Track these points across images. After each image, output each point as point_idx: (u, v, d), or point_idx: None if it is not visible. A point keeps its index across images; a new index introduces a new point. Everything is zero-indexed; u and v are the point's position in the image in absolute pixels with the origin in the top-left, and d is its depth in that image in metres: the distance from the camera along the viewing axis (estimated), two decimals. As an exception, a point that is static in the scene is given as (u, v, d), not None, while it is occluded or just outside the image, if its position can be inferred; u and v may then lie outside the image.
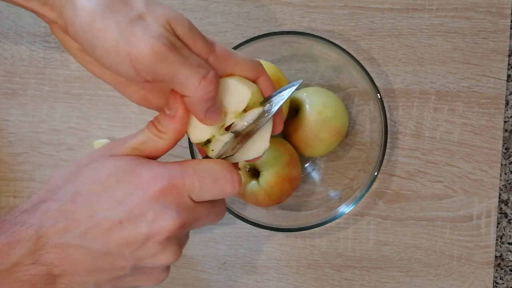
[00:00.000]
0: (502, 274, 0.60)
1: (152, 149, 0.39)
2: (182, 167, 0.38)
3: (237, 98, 0.39)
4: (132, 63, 0.35)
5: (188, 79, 0.36)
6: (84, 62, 0.41)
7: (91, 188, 0.37)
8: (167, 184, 0.37)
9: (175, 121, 0.39)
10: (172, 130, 0.39)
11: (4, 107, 0.61)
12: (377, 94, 0.55)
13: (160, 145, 0.39)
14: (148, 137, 0.39)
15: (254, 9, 0.61)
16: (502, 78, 0.60)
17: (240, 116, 0.40)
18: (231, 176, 0.38)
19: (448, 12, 0.60)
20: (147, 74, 0.36)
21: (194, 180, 0.37)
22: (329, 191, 0.60)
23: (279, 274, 0.61)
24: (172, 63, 0.35)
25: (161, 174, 0.37)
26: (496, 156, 0.60)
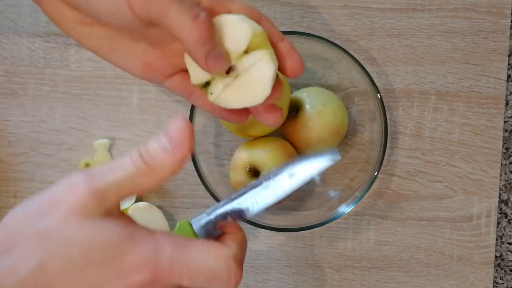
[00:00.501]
0: (502, 274, 0.60)
1: (132, 189, 0.32)
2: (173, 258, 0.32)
3: (236, 36, 0.36)
4: (127, 1, 0.35)
5: (181, 18, 0.35)
6: (79, 35, 0.40)
7: (59, 266, 0.30)
8: (150, 277, 0.31)
9: (174, 158, 0.32)
10: (166, 170, 0.32)
11: (4, 107, 0.61)
12: (377, 94, 0.55)
13: (145, 185, 0.32)
14: (132, 175, 0.32)
15: (254, 9, 0.61)
16: (502, 78, 0.60)
17: (241, 57, 0.37)
18: (228, 278, 0.33)
19: (448, 12, 0.60)
20: (142, 12, 0.35)
21: (184, 277, 0.32)
22: (329, 191, 0.60)
23: (279, 274, 0.61)
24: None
25: (146, 263, 0.31)
26: (496, 156, 0.60)
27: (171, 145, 0.32)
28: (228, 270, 0.33)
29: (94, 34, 0.39)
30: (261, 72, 0.37)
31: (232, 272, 0.33)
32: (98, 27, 0.39)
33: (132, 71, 0.41)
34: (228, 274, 0.33)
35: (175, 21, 0.35)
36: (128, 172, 0.32)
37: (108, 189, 0.32)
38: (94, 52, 0.40)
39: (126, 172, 0.32)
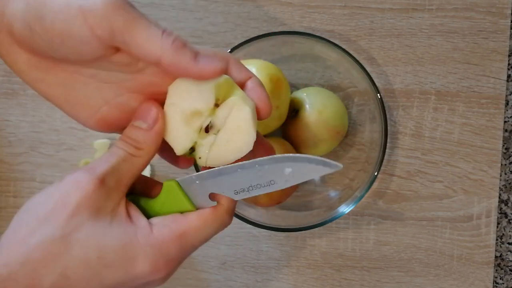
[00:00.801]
0: (502, 274, 0.60)
1: (128, 174, 0.35)
2: (178, 252, 0.35)
3: (200, 94, 0.35)
4: (85, 18, 0.31)
5: (149, 30, 0.32)
6: (31, 81, 0.36)
7: (80, 272, 0.32)
8: (164, 277, 0.34)
9: (153, 132, 0.35)
10: (150, 144, 0.35)
11: (4, 107, 0.61)
12: (377, 94, 0.55)
13: (137, 165, 0.35)
14: (124, 158, 0.34)
15: (254, 9, 0.61)
16: (502, 78, 0.59)
17: (214, 112, 0.35)
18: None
19: (448, 12, 0.60)
20: (103, 30, 0.31)
21: (189, 254, 0.36)
22: (329, 191, 0.60)
23: (279, 274, 0.61)
24: (130, 12, 0.32)
25: (158, 266, 0.34)
26: (496, 156, 0.60)
27: (147, 122, 0.35)
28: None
29: (47, 80, 0.36)
30: (238, 119, 0.35)
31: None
32: (51, 72, 0.35)
33: (87, 125, 0.38)
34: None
35: (143, 35, 0.32)
36: (120, 157, 0.34)
37: (109, 175, 0.33)
38: (49, 100, 0.37)
39: (118, 157, 0.34)
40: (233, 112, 0.35)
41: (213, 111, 0.35)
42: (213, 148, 0.36)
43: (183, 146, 0.36)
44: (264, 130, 0.55)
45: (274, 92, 0.53)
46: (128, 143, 0.35)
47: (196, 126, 0.36)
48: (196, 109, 0.35)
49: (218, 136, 0.36)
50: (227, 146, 0.36)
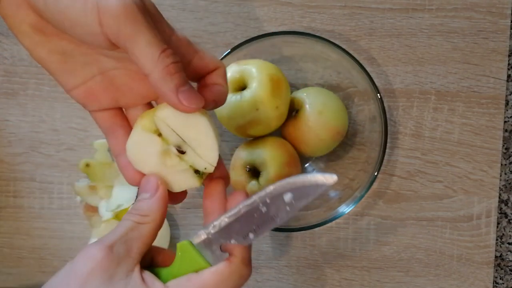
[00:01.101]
0: (502, 274, 0.60)
1: (139, 242, 0.36)
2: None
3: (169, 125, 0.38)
4: (98, 15, 0.33)
5: (149, 47, 0.33)
6: (31, 43, 0.37)
7: None
8: None
9: (156, 199, 0.37)
10: (155, 210, 0.37)
11: (4, 107, 0.61)
12: (377, 94, 0.55)
13: (146, 232, 0.37)
14: (132, 228, 0.36)
15: (254, 9, 0.61)
16: (502, 78, 0.60)
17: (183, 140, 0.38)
18: (243, 282, 0.37)
19: (448, 12, 0.60)
20: (111, 31, 0.33)
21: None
22: (329, 191, 0.60)
23: (279, 274, 0.61)
24: (139, 24, 0.33)
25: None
26: (496, 156, 0.60)
27: (150, 193, 0.37)
28: (243, 278, 0.36)
29: (47, 46, 0.37)
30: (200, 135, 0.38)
31: (245, 277, 0.37)
32: (55, 38, 0.37)
33: (72, 93, 0.39)
34: (243, 281, 0.37)
35: (142, 49, 0.33)
36: (127, 226, 0.36)
37: (118, 243, 0.35)
38: (42, 64, 0.38)
39: (125, 227, 0.36)
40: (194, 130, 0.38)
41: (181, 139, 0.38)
42: (195, 157, 0.38)
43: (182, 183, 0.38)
44: (264, 130, 0.55)
45: (274, 92, 0.53)
46: (134, 214, 0.37)
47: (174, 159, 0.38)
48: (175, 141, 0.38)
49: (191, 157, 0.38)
50: (201, 163, 0.38)
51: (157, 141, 0.38)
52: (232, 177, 0.56)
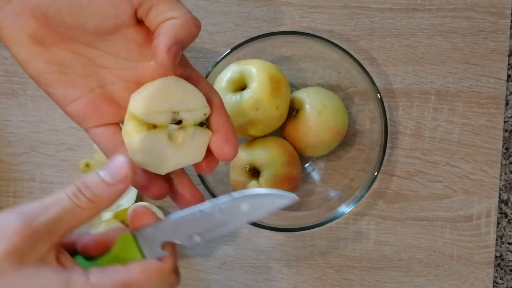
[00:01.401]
0: (502, 274, 0.60)
1: (68, 226, 0.32)
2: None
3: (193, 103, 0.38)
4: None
5: (178, 3, 0.34)
6: (28, 54, 0.35)
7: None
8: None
9: (116, 190, 0.32)
10: (106, 202, 0.32)
11: (4, 107, 0.61)
12: (377, 94, 0.55)
13: (82, 218, 0.32)
14: (69, 211, 0.31)
15: (254, 9, 0.61)
16: (502, 78, 0.60)
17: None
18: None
19: (448, 12, 0.60)
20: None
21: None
22: (329, 191, 0.60)
23: (279, 274, 0.61)
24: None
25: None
26: (496, 156, 0.60)
27: (114, 178, 0.32)
28: (170, 286, 0.34)
29: (46, 56, 0.35)
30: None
31: (173, 285, 0.34)
32: (54, 48, 0.35)
33: (71, 106, 0.37)
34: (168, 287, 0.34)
35: (173, 2, 0.34)
36: (64, 208, 0.31)
37: (43, 226, 0.31)
38: (36, 76, 0.36)
39: (62, 209, 0.31)
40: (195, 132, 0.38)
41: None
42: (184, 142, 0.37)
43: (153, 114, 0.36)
44: (264, 130, 0.55)
45: (274, 92, 0.53)
46: (82, 194, 0.32)
47: (181, 133, 0.37)
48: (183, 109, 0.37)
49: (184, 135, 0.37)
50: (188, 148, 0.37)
51: (157, 132, 0.37)
52: (232, 177, 0.56)
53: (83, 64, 0.36)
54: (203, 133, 0.38)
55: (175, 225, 0.35)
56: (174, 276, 0.34)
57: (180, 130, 0.37)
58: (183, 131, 0.37)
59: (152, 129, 0.36)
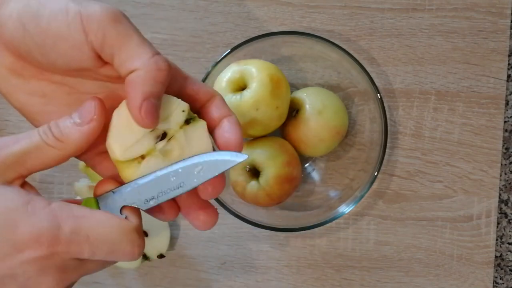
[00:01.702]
0: (502, 274, 0.60)
1: (37, 162, 0.32)
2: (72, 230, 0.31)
3: (174, 111, 0.35)
4: (82, 23, 0.31)
5: (141, 47, 0.32)
6: (9, 87, 0.35)
7: None
8: (46, 252, 0.30)
9: (83, 132, 0.32)
10: (73, 142, 0.32)
11: (4, 107, 0.61)
12: (377, 94, 0.55)
13: (50, 157, 0.32)
14: (37, 146, 0.32)
15: (254, 9, 0.61)
16: (502, 78, 0.59)
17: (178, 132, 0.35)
18: (131, 249, 0.32)
19: (448, 12, 0.60)
20: (96, 37, 0.31)
21: (84, 249, 0.31)
22: (329, 191, 0.60)
23: (279, 274, 0.61)
24: (126, 26, 0.32)
25: (42, 235, 0.30)
26: (496, 156, 0.60)
27: (81, 119, 0.32)
28: (131, 243, 0.32)
29: (26, 88, 0.35)
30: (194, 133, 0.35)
31: (135, 243, 0.33)
32: (33, 80, 0.34)
33: None
34: (131, 246, 0.32)
35: (133, 49, 0.31)
36: (32, 143, 0.32)
37: (10, 160, 0.32)
38: (21, 110, 0.36)
39: (30, 143, 0.32)
40: (187, 129, 0.35)
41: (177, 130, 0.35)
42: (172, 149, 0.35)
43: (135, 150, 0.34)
44: (264, 130, 0.55)
45: (274, 92, 0.53)
46: (51, 132, 0.32)
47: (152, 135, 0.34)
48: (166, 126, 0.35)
49: (172, 142, 0.35)
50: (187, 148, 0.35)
51: (149, 160, 0.35)
52: (232, 177, 0.56)
53: (66, 93, 0.35)
54: (195, 127, 0.35)
55: (134, 190, 0.35)
56: (137, 236, 0.33)
57: (170, 142, 0.35)
58: (174, 141, 0.35)
59: (142, 160, 0.34)
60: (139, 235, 0.33)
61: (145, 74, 0.31)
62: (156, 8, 0.61)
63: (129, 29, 0.32)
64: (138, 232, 0.33)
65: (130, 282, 0.61)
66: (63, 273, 0.31)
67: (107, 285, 0.61)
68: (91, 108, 0.33)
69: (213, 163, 0.34)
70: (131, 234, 0.32)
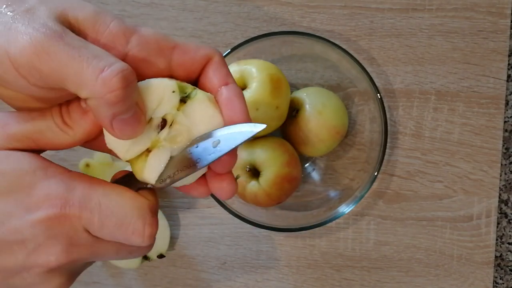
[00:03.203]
0: (502, 274, 0.60)
1: (48, 142, 0.31)
2: (86, 195, 0.30)
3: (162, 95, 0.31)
4: (12, 64, 0.28)
5: (81, 75, 0.27)
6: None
7: None
8: (58, 213, 0.29)
9: (89, 118, 0.31)
10: (81, 129, 0.31)
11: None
12: (377, 94, 0.55)
13: (61, 141, 0.31)
14: (48, 127, 0.31)
15: (254, 9, 0.61)
16: (502, 78, 0.59)
17: (179, 111, 0.32)
18: (142, 227, 0.30)
19: (448, 12, 0.60)
20: (32, 76, 0.28)
21: (94, 216, 0.30)
22: (329, 191, 0.60)
23: (279, 274, 0.61)
24: (56, 56, 0.27)
25: (56, 196, 0.29)
26: (496, 156, 0.60)
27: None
28: (143, 219, 0.30)
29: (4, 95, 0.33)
30: (199, 109, 0.32)
31: (147, 222, 0.31)
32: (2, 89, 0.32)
33: None
34: (142, 223, 0.30)
35: (74, 80, 0.27)
36: (44, 123, 0.31)
37: (21, 134, 0.31)
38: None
39: (43, 123, 0.31)
40: (188, 107, 0.32)
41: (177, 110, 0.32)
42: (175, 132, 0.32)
43: (135, 149, 0.31)
44: (264, 130, 0.55)
45: (274, 92, 0.53)
46: (61, 116, 0.31)
47: (153, 124, 0.32)
48: (162, 114, 0.32)
49: (175, 125, 0.32)
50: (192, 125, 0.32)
51: (156, 152, 0.32)
52: (232, 177, 0.56)
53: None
54: (194, 103, 0.32)
55: None
56: (150, 214, 0.31)
57: (173, 127, 0.32)
58: (176, 125, 0.32)
59: (149, 153, 0.32)
60: (152, 214, 0.31)
61: (98, 103, 0.28)
62: (156, 8, 0.61)
63: (62, 54, 0.27)
64: (151, 211, 0.31)
65: (130, 282, 0.61)
66: (71, 244, 0.29)
67: (107, 285, 0.61)
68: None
69: (232, 139, 0.31)
70: (143, 210, 0.31)
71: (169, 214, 0.61)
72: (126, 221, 0.30)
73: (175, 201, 0.61)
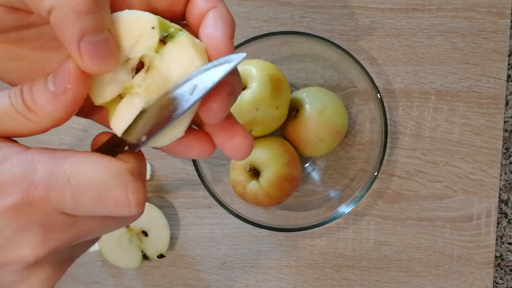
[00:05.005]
0: (502, 274, 0.60)
1: (9, 129, 0.26)
2: (50, 172, 0.25)
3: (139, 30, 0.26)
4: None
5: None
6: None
7: None
8: (21, 200, 0.25)
9: (58, 103, 0.25)
10: (48, 115, 0.26)
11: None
12: (377, 94, 0.55)
13: (22, 128, 0.26)
14: (6, 113, 0.26)
15: (254, 9, 0.61)
16: (502, 78, 0.59)
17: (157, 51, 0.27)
18: (125, 195, 0.26)
19: (448, 12, 0.60)
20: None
21: (65, 194, 0.25)
22: (329, 191, 0.60)
23: (279, 274, 0.61)
24: None
25: (14, 182, 0.25)
26: (496, 156, 0.60)
27: (56, 86, 0.26)
28: (123, 186, 0.25)
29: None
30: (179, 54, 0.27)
31: (129, 188, 0.26)
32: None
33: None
34: (123, 190, 0.25)
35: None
36: (2, 108, 0.26)
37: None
38: (1, 78, 0.29)
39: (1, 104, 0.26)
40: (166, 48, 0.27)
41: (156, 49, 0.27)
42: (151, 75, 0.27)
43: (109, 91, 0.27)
44: (264, 130, 0.55)
45: (274, 92, 0.53)
46: (22, 98, 0.26)
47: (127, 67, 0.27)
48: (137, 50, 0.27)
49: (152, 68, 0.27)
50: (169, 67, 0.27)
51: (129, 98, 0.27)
52: (232, 177, 0.56)
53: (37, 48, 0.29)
54: (175, 45, 0.27)
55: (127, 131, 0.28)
56: (132, 179, 0.26)
57: (150, 73, 0.27)
58: (153, 70, 0.27)
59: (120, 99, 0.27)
60: (135, 179, 0.26)
61: (63, 15, 0.23)
62: (156, 8, 0.61)
63: None
64: (132, 175, 0.26)
65: (130, 282, 0.61)
66: (48, 231, 0.25)
67: (107, 285, 0.61)
68: (65, 73, 0.25)
69: (206, 76, 0.27)
70: (122, 176, 0.26)
71: (169, 214, 0.61)
72: (105, 192, 0.25)
73: (175, 201, 0.61)
